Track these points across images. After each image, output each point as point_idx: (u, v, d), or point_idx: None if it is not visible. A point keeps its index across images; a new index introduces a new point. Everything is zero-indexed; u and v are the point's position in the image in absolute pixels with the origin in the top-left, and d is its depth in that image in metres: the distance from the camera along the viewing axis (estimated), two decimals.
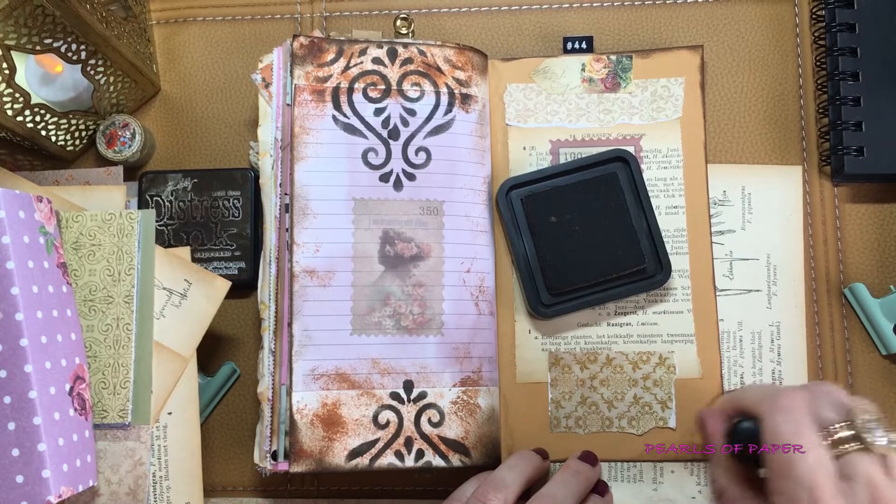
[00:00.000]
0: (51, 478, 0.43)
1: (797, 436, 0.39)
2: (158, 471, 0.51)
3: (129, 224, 0.51)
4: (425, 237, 0.54)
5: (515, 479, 0.48)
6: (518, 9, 0.61)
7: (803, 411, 0.40)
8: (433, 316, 0.53)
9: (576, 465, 0.51)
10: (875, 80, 0.56)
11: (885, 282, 0.56)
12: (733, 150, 0.58)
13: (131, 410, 0.50)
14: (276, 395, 0.52)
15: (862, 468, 0.38)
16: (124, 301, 0.50)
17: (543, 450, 0.53)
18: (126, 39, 0.55)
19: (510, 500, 0.47)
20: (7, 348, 0.44)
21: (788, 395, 0.41)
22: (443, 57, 0.56)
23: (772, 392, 0.42)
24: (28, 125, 0.54)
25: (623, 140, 0.57)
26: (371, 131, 0.55)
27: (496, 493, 0.47)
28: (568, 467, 0.51)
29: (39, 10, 0.47)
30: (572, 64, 0.58)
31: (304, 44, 0.55)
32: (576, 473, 0.50)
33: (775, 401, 0.41)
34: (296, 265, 0.53)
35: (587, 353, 0.56)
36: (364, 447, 0.52)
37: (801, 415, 0.40)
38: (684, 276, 0.56)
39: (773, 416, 0.40)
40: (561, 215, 0.55)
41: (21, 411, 0.43)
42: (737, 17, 0.60)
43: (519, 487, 0.48)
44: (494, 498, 0.46)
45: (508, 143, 0.58)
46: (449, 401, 0.53)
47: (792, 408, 0.40)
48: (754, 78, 0.59)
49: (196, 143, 0.60)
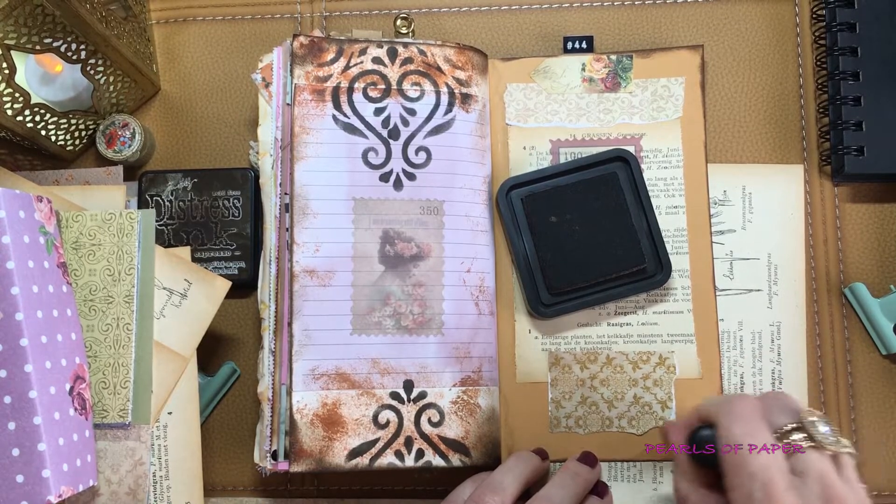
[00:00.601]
0: (51, 477, 0.44)
1: (750, 436, 0.41)
2: (158, 470, 0.51)
3: (129, 224, 0.51)
4: (425, 237, 0.54)
5: (513, 481, 0.48)
6: (518, 8, 0.61)
7: (756, 415, 0.42)
8: (433, 316, 0.53)
9: (575, 466, 0.51)
10: (875, 79, 0.56)
11: (885, 282, 0.56)
12: (733, 150, 0.58)
13: (131, 410, 0.50)
14: (276, 395, 0.52)
15: (813, 464, 0.40)
16: (124, 301, 0.50)
17: (543, 450, 0.53)
18: (126, 39, 0.55)
19: (507, 502, 0.47)
20: (7, 348, 0.44)
21: (741, 401, 0.43)
22: (443, 56, 0.56)
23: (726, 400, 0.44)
24: (28, 125, 0.54)
25: (623, 140, 0.57)
26: (371, 131, 0.55)
27: (493, 496, 0.46)
28: (567, 469, 0.51)
29: (39, 9, 0.47)
30: (572, 64, 0.58)
31: (304, 43, 0.55)
32: (574, 475, 0.50)
33: (730, 407, 0.43)
34: (296, 265, 0.53)
35: (587, 352, 0.56)
36: (364, 447, 0.52)
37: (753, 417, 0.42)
38: (684, 276, 0.56)
39: (727, 419, 0.42)
40: (561, 215, 0.55)
41: (21, 411, 0.43)
42: (737, 17, 0.59)
43: (516, 490, 0.48)
44: (491, 500, 0.46)
45: (508, 142, 0.58)
46: (449, 400, 0.53)
47: (744, 411, 0.42)
48: (754, 78, 0.59)
49: (196, 142, 0.60)
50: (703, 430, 0.45)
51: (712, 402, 0.46)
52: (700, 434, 0.45)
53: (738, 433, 0.41)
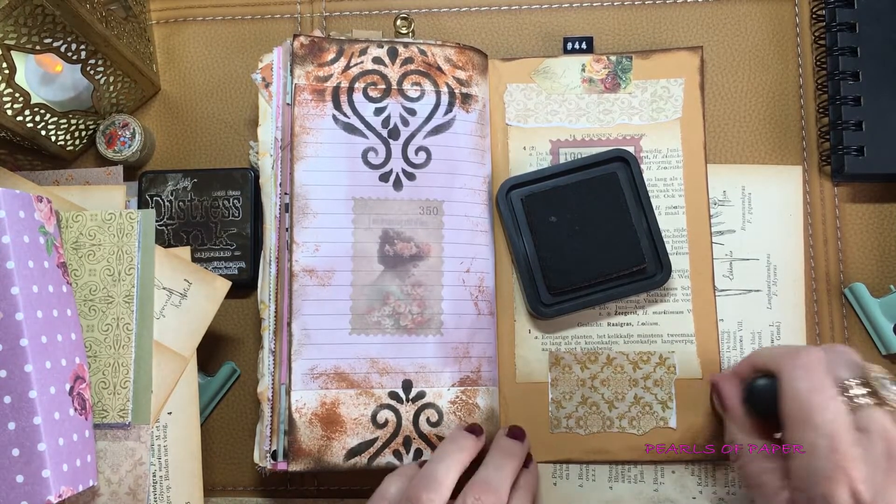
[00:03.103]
0: (51, 477, 0.44)
1: (816, 390, 0.41)
2: (158, 470, 0.51)
3: (129, 224, 0.51)
4: (425, 237, 0.54)
5: (448, 472, 0.45)
6: (518, 9, 0.61)
7: (820, 367, 0.42)
8: (432, 316, 0.53)
9: (507, 444, 0.49)
10: (875, 79, 0.56)
11: (885, 282, 0.56)
12: (733, 150, 0.58)
13: (131, 410, 0.50)
14: (276, 395, 0.52)
15: (877, 421, 0.40)
16: (124, 301, 0.50)
17: (478, 426, 0.50)
18: (126, 39, 0.55)
19: (445, 497, 0.44)
20: (7, 348, 0.44)
21: (806, 353, 0.43)
22: (443, 56, 0.56)
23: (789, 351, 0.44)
24: (28, 125, 0.54)
25: (623, 140, 0.57)
26: (371, 131, 0.55)
27: (429, 494, 0.44)
28: (500, 448, 0.49)
29: (39, 9, 0.47)
30: (572, 64, 0.58)
31: (304, 43, 0.55)
32: (509, 455, 0.48)
33: (795, 358, 0.43)
34: (295, 264, 0.53)
35: (587, 352, 0.56)
36: (362, 446, 0.52)
37: (818, 370, 0.42)
38: (684, 276, 0.56)
39: (792, 372, 0.42)
40: (561, 215, 0.55)
41: (21, 411, 0.43)
42: (737, 17, 0.59)
43: (453, 481, 0.45)
44: (428, 500, 0.43)
45: (508, 142, 0.58)
46: (447, 400, 0.53)
47: (810, 364, 0.42)
48: (754, 78, 0.59)
49: (196, 142, 0.60)
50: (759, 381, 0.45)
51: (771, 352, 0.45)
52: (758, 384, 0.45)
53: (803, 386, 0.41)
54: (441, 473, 0.45)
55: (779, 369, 0.43)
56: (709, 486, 0.54)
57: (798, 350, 0.44)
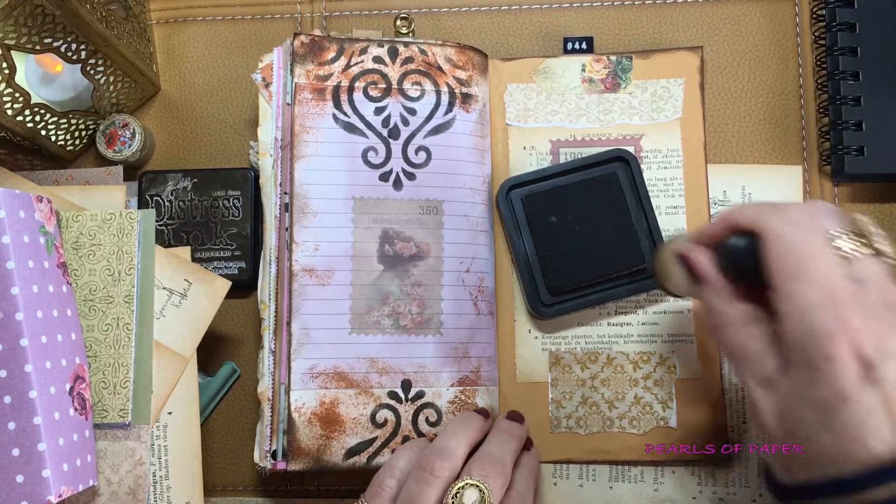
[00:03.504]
0: (51, 477, 0.44)
1: (808, 243, 0.39)
2: (158, 470, 0.51)
3: (129, 224, 0.51)
4: (425, 237, 0.54)
5: (459, 445, 0.47)
6: (518, 9, 0.61)
7: (809, 221, 0.40)
8: (432, 315, 0.53)
9: (507, 425, 0.50)
10: (875, 79, 0.56)
11: None
12: (733, 150, 0.58)
13: (131, 410, 0.50)
14: (276, 395, 0.52)
15: (873, 272, 0.38)
16: (124, 301, 0.50)
17: (485, 409, 0.52)
18: (126, 39, 0.55)
19: (457, 467, 0.45)
20: (7, 348, 0.44)
21: (795, 208, 0.41)
22: (444, 56, 0.56)
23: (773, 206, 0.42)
24: (28, 125, 0.54)
25: (623, 140, 0.57)
26: (371, 130, 0.55)
27: (442, 462, 0.45)
28: (502, 428, 0.50)
29: (39, 9, 0.47)
30: (572, 64, 0.58)
31: (304, 42, 0.55)
32: (511, 435, 0.49)
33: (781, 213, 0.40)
34: (295, 264, 0.53)
35: (588, 352, 0.56)
36: (361, 446, 0.52)
37: (807, 224, 0.39)
38: None
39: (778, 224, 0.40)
40: (561, 215, 0.55)
41: (21, 411, 0.43)
42: (737, 17, 0.59)
43: (465, 454, 0.47)
44: (441, 467, 0.44)
45: (508, 142, 0.58)
46: (446, 400, 0.53)
47: (796, 215, 0.40)
48: (754, 78, 0.59)
49: (196, 142, 0.60)
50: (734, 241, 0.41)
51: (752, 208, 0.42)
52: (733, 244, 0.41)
53: (794, 240, 0.39)
54: (454, 445, 0.46)
55: (763, 226, 0.40)
56: (709, 486, 0.54)
57: (782, 204, 0.41)
